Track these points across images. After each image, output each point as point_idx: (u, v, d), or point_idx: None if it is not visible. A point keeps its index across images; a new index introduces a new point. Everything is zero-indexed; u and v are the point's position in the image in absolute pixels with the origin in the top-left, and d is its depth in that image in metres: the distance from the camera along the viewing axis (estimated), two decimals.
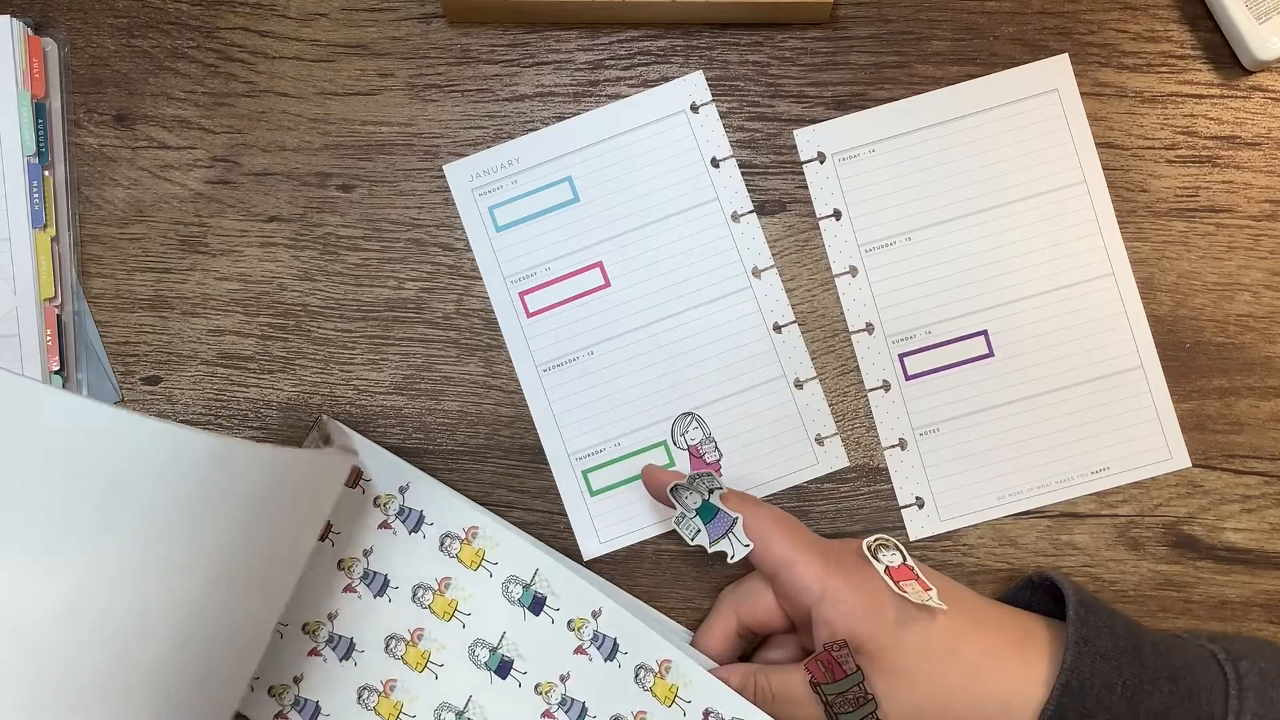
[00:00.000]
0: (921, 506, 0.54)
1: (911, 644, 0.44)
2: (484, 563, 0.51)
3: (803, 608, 0.46)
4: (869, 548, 0.45)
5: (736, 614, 0.50)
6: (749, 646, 0.52)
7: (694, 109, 0.54)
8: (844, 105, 0.54)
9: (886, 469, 0.54)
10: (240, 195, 0.55)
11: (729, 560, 0.46)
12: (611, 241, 0.54)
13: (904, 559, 0.45)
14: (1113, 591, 0.53)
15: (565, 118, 0.54)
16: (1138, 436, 0.54)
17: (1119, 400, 0.54)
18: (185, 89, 0.55)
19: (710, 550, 0.46)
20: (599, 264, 0.54)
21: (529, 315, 0.54)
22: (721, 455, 0.54)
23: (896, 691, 0.44)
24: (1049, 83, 0.54)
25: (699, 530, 0.47)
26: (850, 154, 0.54)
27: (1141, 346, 0.54)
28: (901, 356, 0.54)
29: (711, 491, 0.47)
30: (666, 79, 0.54)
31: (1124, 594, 0.53)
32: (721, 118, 0.54)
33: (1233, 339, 0.54)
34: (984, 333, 0.54)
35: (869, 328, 0.54)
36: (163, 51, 0.55)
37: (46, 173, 0.53)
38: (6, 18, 0.53)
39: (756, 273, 0.54)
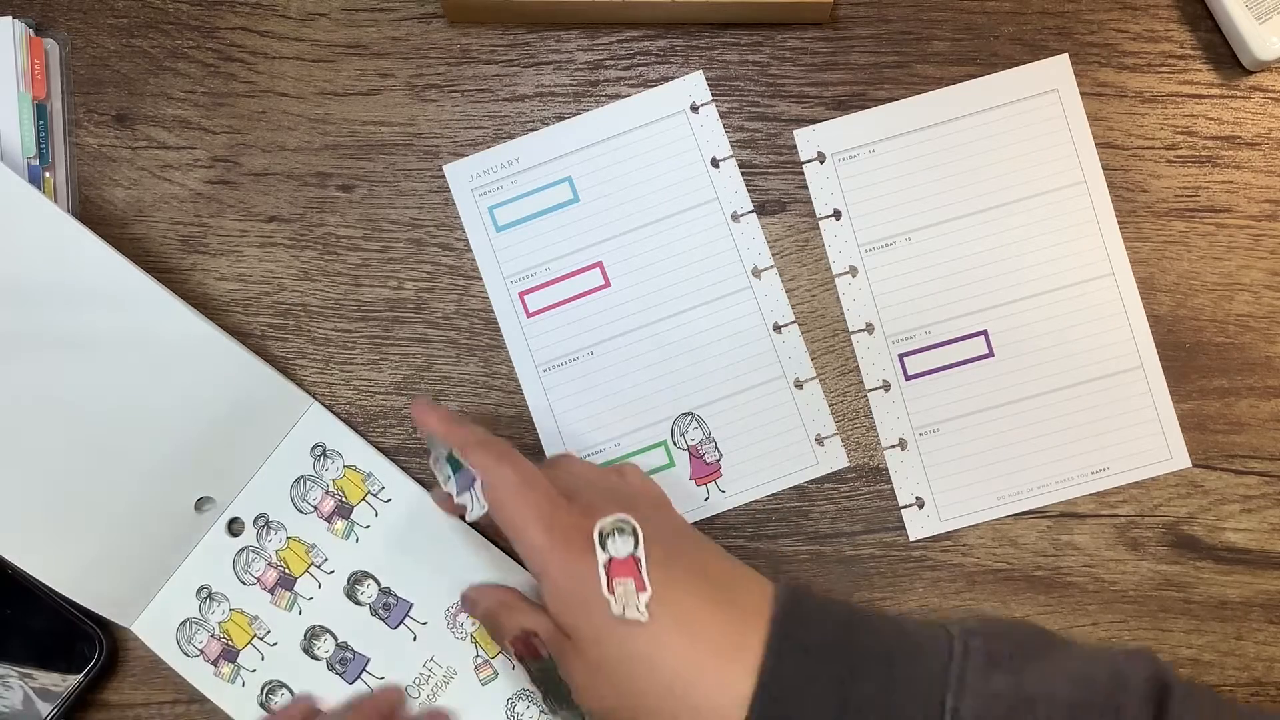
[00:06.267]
0: (921, 506, 0.54)
1: (613, 644, 0.42)
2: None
3: (536, 576, 0.44)
4: (601, 533, 0.42)
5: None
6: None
7: (694, 109, 0.54)
8: (844, 105, 0.54)
9: (886, 469, 0.54)
10: (240, 195, 0.55)
11: (468, 518, 0.44)
12: (611, 241, 0.54)
13: (635, 547, 0.43)
14: (1113, 591, 0.53)
15: (565, 118, 0.54)
16: (1138, 436, 0.54)
17: (1119, 400, 0.54)
18: (185, 89, 0.55)
19: (456, 502, 0.45)
20: (599, 264, 0.54)
21: (529, 315, 0.54)
22: (722, 455, 0.54)
23: (593, 686, 0.43)
24: (1049, 83, 0.54)
25: (449, 477, 0.45)
26: (850, 154, 0.54)
27: (1141, 346, 0.54)
28: (901, 356, 0.54)
29: (451, 449, 0.45)
30: (666, 79, 0.54)
31: (1124, 594, 0.53)
32: (721, 118, 0.54)
33: (1233, 339, 0.54)
34: (984, 333, 0.54)
35: (869, 328, 0.54)
36: (163, 51, 0.55)
37: (47, 174, 0.53)
38: (8, 19, 0.53)
39: (756, 273, 0.54)
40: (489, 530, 0.49)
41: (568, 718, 0.46)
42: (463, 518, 0.46)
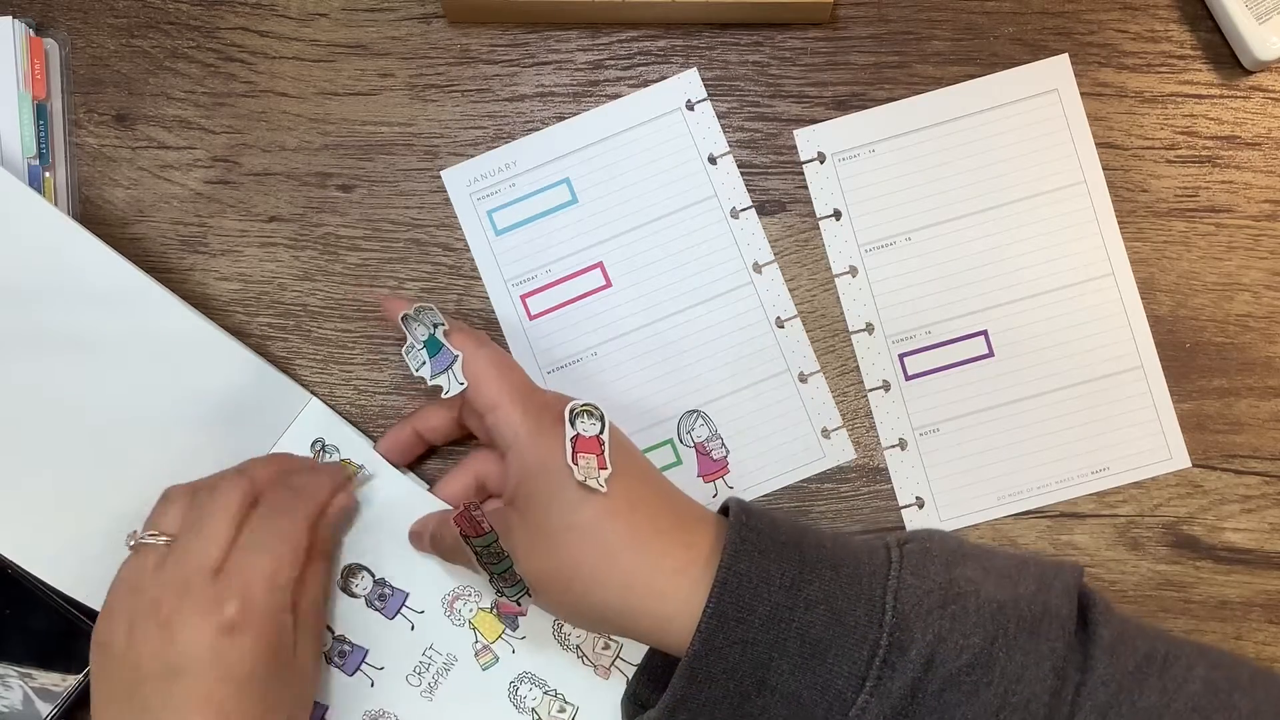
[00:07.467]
0: (921, 506, 0.54)
1: (563, 511, 0.44)
2: None
3: (502, 451, 0.47)
4: (571, 411, 0.45)
5: (411, 425, 0.52)
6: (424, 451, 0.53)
7: (689, 106, 0.54)
8: (844, 105, 0.54)
9: (886, 469, 0.54)
10: (240, 195, 0.55)
11: (444, 395, 0.47)
12: (611, 241, 0.54)
13: (600, 431, 0.45)
14: (1113, 591, 0.53)
15: (565, 118, 0.54)
16: (1138, 436, 0.54)
17: (1119, 400, 0.54)
18: (185, 89, 0.55)
19: (429, 384, 0.47)
20: (599, 264, 0.54)
21: (531, 318, 0.54)
22: (729, 451, 0.54)
23: (534, 552, 0.45)
24: (1049, 83, 0.54)
25: (424, 363, 0.48)
26: (850, 154, 0.54)
27: (1141, 346, 0.54)
28: (901, 356, 0.54)
29: (436, 326, 0.48)
30: (666, 79, 0.54)
31: (1124, 594, 0.53)
32: (721, 118, 0.54)
33: (1233, 339, 0.54)
34: (984, 333, 0.54)
35: (869, 328, 0.54)
36: (163, 51, 0.55)
37: (47, 174, 0.53)
38: (8, 19, 0.53)
39: (757, 268, 0.54)
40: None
41: (509, 593, 0.48)
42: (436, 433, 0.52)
